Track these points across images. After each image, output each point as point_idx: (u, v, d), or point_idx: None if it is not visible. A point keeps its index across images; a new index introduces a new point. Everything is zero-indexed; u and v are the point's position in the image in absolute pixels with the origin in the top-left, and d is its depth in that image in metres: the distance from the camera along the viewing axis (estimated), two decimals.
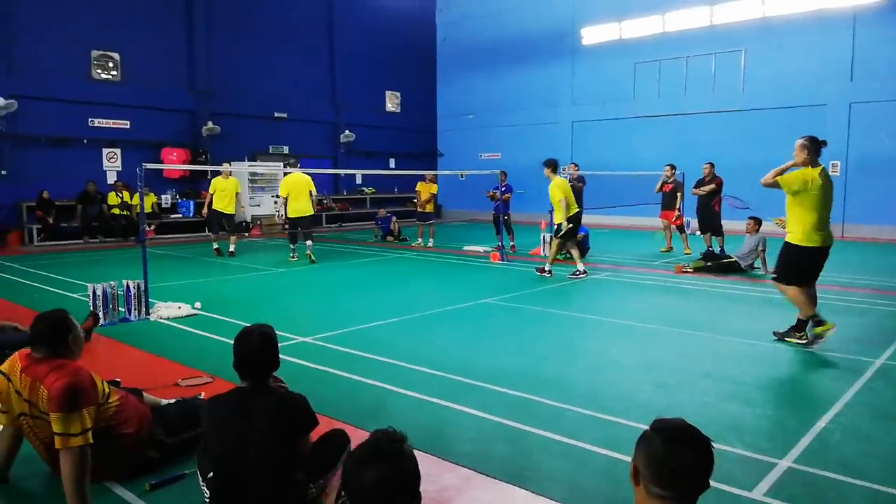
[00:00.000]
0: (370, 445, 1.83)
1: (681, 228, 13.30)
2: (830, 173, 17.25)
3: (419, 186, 14.93)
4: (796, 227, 5.82)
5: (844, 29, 16.63)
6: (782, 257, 6.00)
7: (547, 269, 10.09)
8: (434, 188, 14.96)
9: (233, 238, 13.10)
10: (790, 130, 17.38)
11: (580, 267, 10.01)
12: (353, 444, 3.07)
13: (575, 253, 10.26)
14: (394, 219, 16.64)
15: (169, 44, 18.17)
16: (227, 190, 12.90)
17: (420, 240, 14.94)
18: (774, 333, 6.18)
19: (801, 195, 5.75)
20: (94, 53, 16.73)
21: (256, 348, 2.94)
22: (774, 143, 17.69)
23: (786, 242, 5.94)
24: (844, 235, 16.75)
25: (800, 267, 5.87)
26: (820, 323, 5.80)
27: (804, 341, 5.92)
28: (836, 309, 7.65)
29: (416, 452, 3.72)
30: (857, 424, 4.06)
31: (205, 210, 13.31)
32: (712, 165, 12.50)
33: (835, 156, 16.88)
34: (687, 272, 10.50)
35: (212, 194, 12.95)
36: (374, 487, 1.73)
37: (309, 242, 12.09)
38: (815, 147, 5.91)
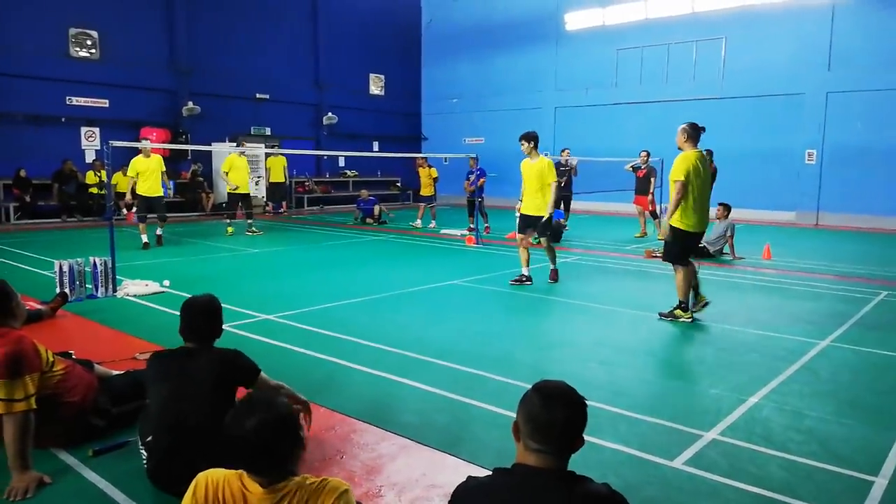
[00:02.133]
0: (246, 399, 1.99)
1: (654, 214, 13.46)
2: (806, 161, 17.46)
3: (420, 171, 15.69)
4: (679, 212, 6.13)
5: (823, 18, 16.76)
6: (669, 241, 6.34)
7: (524, 275, 8.19)
8: (433, 171, 15.61)
9: (161, 224, 11.72)
10: (769, 119, 17.74)
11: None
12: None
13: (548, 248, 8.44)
14: (379, 204, 16.68)
15: (148, 22, 18.00)
16: (150, 170, 11.35)
17: (434, 222, 15.49)
18: (660, 314, 6.49)
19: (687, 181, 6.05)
20: (72, 31, 16.55)
21: (200, 315, 3.11)
22: (753, 132, 17.92)
23: (671, 226, 6.22)
24: (819, 223, 17.03)
25: (684, 249, 6.28)
26: (686, 309, 6.30)
27: (688, 317, 6.32)
28: (794, 293, 7.85)
29: (359, 423, 3.87)
30: (789, 401, 4.22)
31: (129, 196, 11.64)
32: (710, 153, 12.33)
33: (811, 144, 17.10)
34: (656, 257, 10.63)
35: (134, 178, 11.30)
36: (252, 433, 1.84)
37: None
38: (694, 132, 6.22)
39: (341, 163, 23.50)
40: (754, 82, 17.89)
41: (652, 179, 13.33)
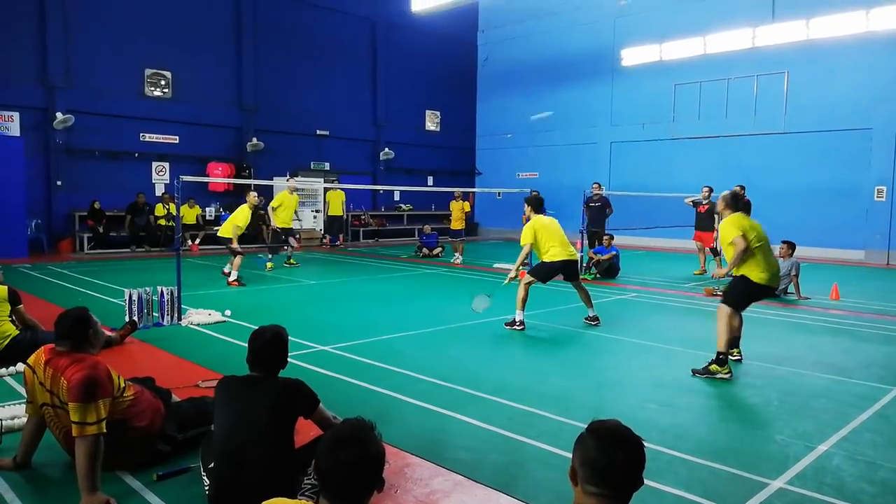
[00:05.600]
0: (348, 429, 1.97)
1: (714, 251, 13.14)
2: (876, 199, 16.85)
3: (452, 205, 15.55)
4: (752, 265, 5.75)
5: (891, 52, 16.24)
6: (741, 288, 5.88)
7: (517, 319, 7.59)
8: (466, 205, 15.43)
9: (237, 261, 11.14)
10: (834, 154, 17.21)
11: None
12: None
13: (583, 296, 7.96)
14: (440, 243, 16.72)
15: (218, 63, 18.94)
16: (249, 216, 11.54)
17: (457, 255, 15.45)
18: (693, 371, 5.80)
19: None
20: (148, 72, 17.56)
21: (267, 345, 3.21)
22: (817, 167, 17.40)
23: (743, 276, 5.81)
24: (890, 263, 16.27)
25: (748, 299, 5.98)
26: (723, 363, 5.62)
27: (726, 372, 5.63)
28: (864, 336, 7.50)
29: (412, 457, 3.89)
30: (860, 450, 4.02)
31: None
32: (742, 188, 12.36)
33: (881, 181, 16.45)
34: (717, 295, 10.36)
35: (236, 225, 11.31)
36: (346, 467, 1.85)
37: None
38: (734, 203, 5.98)
39: (396, 197, 23.92)
40: (819, 117, 17.41)
41: (716, 215, 13.06)
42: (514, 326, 7.58)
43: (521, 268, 7.93)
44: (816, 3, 16.91)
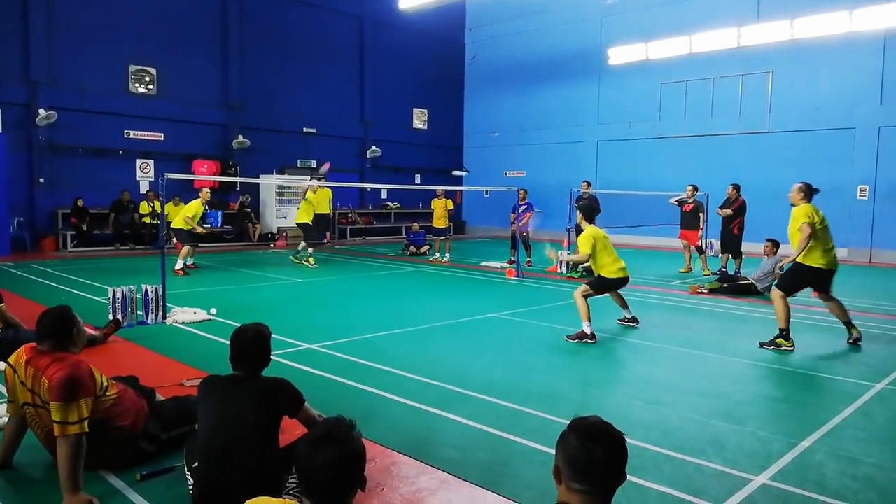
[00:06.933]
0: (323, 429, 1.97)
1: (700, 249, 13.24)
2: (858, 197, 17.04)
3: (433, 203, 15.55)
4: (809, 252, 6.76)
5: (874, 52, 16.43)
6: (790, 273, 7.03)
7: (587, 332, 6.97)
8: (449, 203, 15.45)
9: (184, 251, 12.33)
10: (818, 153, 17.39)
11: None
12: None
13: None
14: (428, 241, 16.63)
15: (204, 60, 18.79)
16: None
17: (438, 254, 15.32)
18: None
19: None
20: (132, 68, 17.38)
21: (248, 343, 3.18)
22: (802, 166, 17.55)
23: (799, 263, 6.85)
24: (872, 261, 16.46)
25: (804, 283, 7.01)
26: (787, 338, 6.67)
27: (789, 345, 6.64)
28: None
29: (399, 455, 3.88)
30: (843, 446, 4.06)
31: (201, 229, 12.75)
32: (737, 187, 12.56)
33: (863, 180, 16.65)
34: (702, 293, 10.45)
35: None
36: (324, 467, 1.85)
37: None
38: (809, 191, 6.85)
39: (384, 195, 23.87)
40: (803, 116, 17.58)
41: (701, 214, 13.18)
42: (585, 340, 6.91)
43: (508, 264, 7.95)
44: (801, 3, 17.07)
